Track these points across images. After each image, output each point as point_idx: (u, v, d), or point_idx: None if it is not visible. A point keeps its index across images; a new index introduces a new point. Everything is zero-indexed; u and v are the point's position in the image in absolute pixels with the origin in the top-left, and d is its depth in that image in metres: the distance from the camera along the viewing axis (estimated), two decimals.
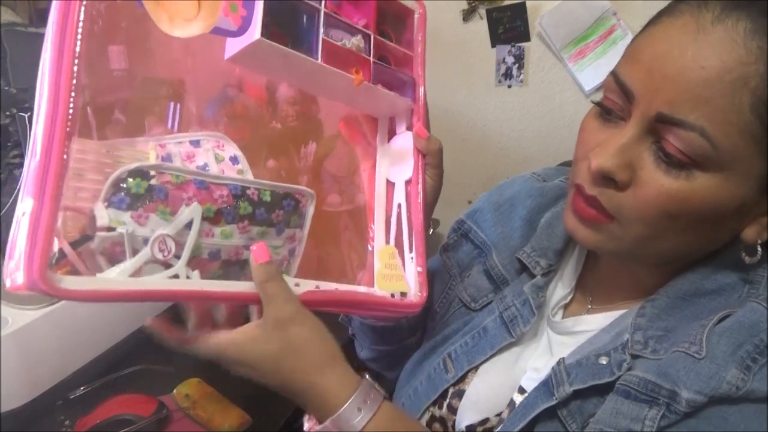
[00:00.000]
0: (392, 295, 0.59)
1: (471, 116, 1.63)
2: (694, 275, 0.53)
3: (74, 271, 0.42)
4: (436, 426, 0.63)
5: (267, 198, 0.52)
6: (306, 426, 0.52)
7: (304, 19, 0.54)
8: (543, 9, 1.46)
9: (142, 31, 0.50)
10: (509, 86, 1.57)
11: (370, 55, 0.58)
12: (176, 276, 0.46)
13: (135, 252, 0.44)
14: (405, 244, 0.62)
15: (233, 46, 0.50)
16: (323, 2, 0.54)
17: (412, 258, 0.61)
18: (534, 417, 0.52)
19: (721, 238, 0.51)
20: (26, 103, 1.10)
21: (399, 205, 0.64)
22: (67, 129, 0.40)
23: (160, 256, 0.44)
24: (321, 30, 0.53)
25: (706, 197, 0.46)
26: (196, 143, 0.53)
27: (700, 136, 0.44)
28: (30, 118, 1.10)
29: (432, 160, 0.63)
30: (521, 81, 1.55)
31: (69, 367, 0.93)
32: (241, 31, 0.49)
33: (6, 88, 1.10)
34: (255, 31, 0.48)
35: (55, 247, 0.41)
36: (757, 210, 0.49)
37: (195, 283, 0.46)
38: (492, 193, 0.74)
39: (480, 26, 1.54)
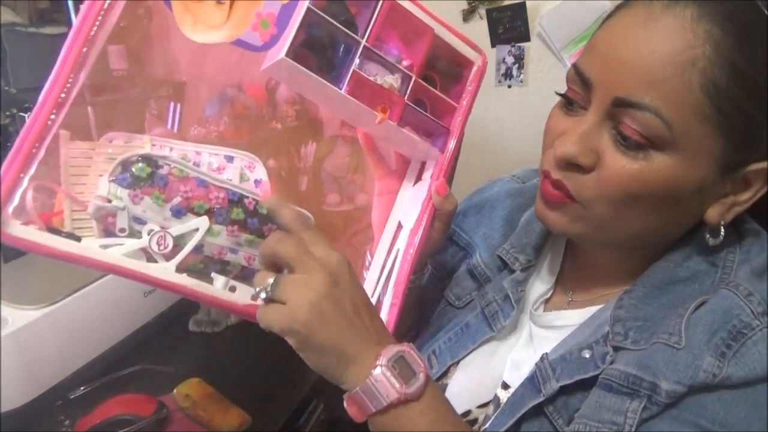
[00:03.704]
0: None
1: (471, 116, 1.63)
2: (667, 264, 0.54)
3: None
4: None
5: (263, 211, 0.54)
6: (378, 372, 0.45)
7: (342, 48, 0.55)
8: (543, 9, 1.46)
9: (142, 31, 0.50)
10: (509, 86, 1.57)
11: (405, 96, 0.57)
12: None
13: (124, 228, 0.49)
14: (389, 290, 0.61)
15: (268, 59, 0.52)
16: (366, 36, 0.55)
17: (389, 305, 0.60)
18: (521, 414, 0.53)
19: (686, 221, 0.53)
20: (26, 103, 1.10)
21: (397, 251, 0.63)
22: (61, 98, 0.43)
23: (155, 248, 0.49)
24: (356, 61, 0.54)
25: (665, 177, 0.48)
26: (230, 158, 0.56)
27: (655, 116, 0.46)
28: None
29: (443, 217, 0.63)
30: (521, 81, 1.55)
31: (69, 367, 0.93)
32: (265, 47, 0.51)
33: (6, 88, 1.10)
34: (282, 50, 0.50)
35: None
36: (717, 191, 0.50)
37: (149, 267, 0.49)
38: (473, 196, 0.76)
39: (480, 26, 1.54)
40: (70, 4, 1.23)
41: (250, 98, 0.65)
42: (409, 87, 0.58)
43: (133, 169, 0.49)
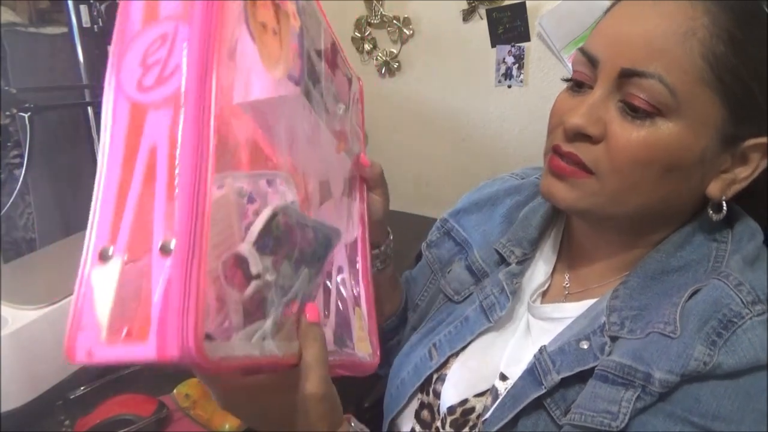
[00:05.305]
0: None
1: (471, 116, 1.63)
2: (659, 254, 0.56)
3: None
4: (425, 413, 0.65)
5: (321, 240, 0.48)
6: None
7: (316, 81, 0.52)
8: (543, 9, 1.46)
9: None
10: (509, 86, 1.57)
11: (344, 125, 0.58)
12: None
13: (273, 300, 0.38)
14: (363, 312, 0.59)
15: (255, 90, 0.40)
16: (324, 66, 0.52)
17: (363, 337, 0.58)
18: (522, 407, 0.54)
19: (689, 195, 0.54)
20: (26, 103, 1.10)
21: (340, 268, 0.57)
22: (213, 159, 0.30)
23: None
24: (324, 93, 0.52)
25: (670, 143, 0.50)
26: (271, 182, 0.43)
27: (659, 83, 0.49)
28: (30, 118, 1.10)
29: (376, 184, 0.65)
30: (521, 81, 1.55)
31: (69, 367, 0.93)
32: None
33: (6, 88, 1.10)
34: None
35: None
36: (718, 164, 0.53)
37: None
38: (473, 193, 0.79)
39: (480, 26, 1.54)
40: (70, 4, 1.23)
41: None
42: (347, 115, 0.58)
43: (274, 229, 0.37)
